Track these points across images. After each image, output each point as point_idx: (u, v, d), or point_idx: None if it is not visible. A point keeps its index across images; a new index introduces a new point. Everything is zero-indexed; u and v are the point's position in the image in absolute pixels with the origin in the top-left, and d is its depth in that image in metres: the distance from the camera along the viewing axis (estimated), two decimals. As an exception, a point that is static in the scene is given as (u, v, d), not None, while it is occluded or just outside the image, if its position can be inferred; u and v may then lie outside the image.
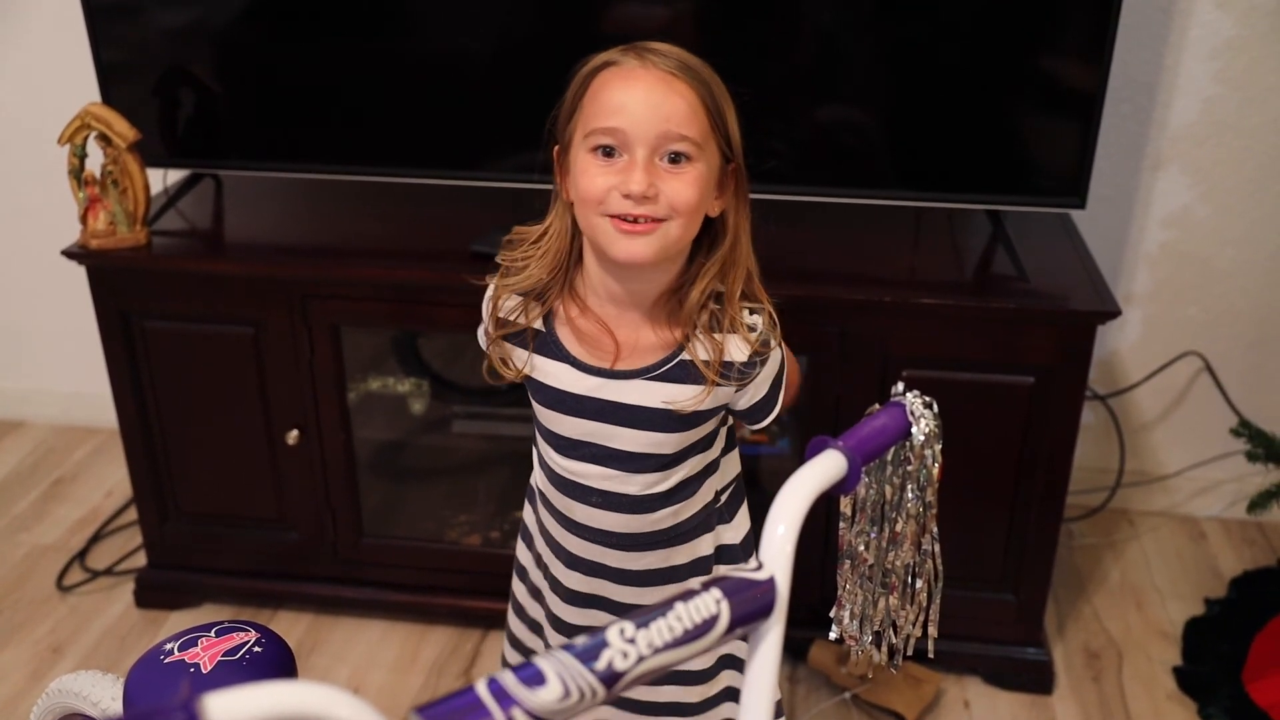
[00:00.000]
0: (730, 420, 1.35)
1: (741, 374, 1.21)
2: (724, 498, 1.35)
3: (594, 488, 1.27)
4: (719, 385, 1.20)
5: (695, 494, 1.30)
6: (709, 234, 1.20)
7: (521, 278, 1.23)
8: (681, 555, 1.33)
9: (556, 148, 1.20)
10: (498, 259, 1.27)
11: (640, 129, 1.10)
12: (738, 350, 1.20)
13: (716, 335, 1.19)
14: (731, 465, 1.36)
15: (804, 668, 2.05)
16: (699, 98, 1.12)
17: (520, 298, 1.25)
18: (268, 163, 2.07)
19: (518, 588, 1.49)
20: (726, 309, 1.20)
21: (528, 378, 1.27)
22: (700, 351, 1.19)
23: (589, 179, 1.13)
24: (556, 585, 1.37)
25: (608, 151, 1.12)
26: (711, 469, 1.32)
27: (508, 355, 1.27)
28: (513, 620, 1.52)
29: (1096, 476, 2.47)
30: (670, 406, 1.20)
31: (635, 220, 1.12)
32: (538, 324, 1.24)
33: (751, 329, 1.21)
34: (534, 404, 1.29)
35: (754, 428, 1.29)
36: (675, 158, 1.12)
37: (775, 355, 1.24)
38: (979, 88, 1.83)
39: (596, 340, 1.22)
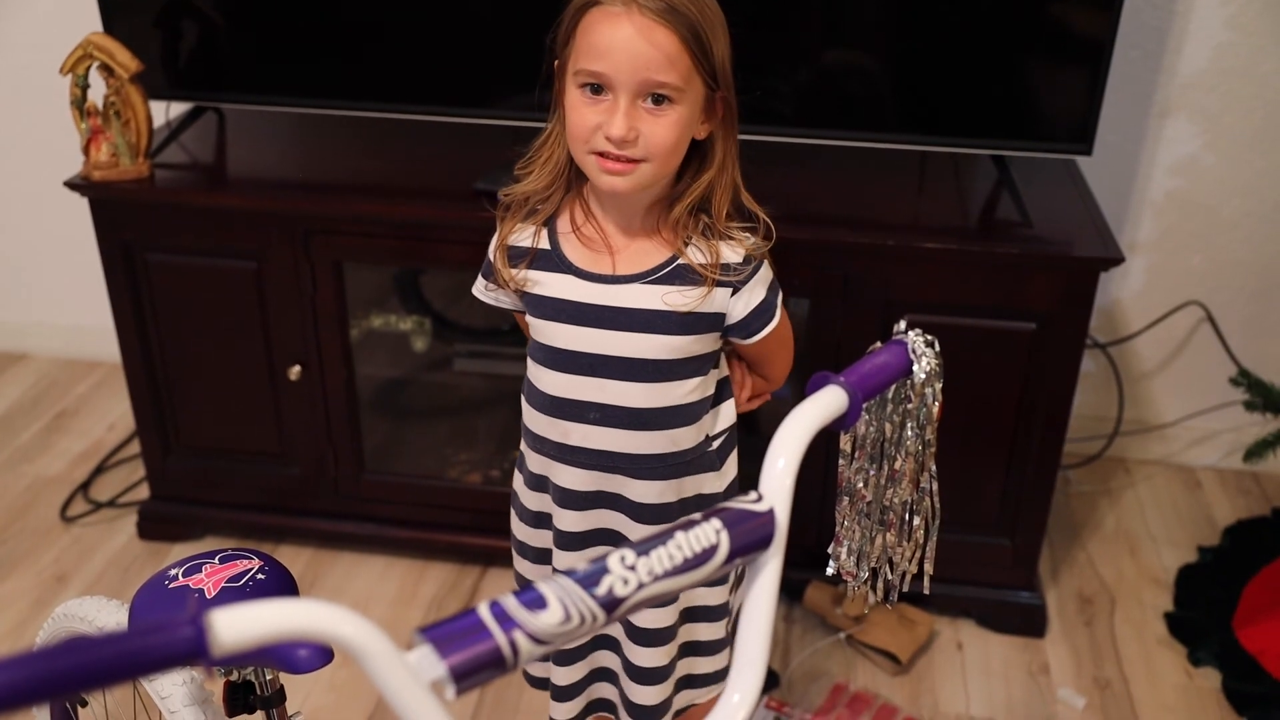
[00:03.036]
0: (724, 364, 1.36)
1: (737, 273, 1.27)
2: (716, 444, 1.37)
3: (591, 401, 1.30)
4: (718, 285, 1.26)
5: (692, 424, 1.32)
6: (698, 154, 1.27)
7: (525, 183, 1.31)
8: (685, 489, 1.34)
9: (556, 63, 1.25)
10: (516, 168, 1.32)
11: (622, 75, 1.16)
12: (731, 253, 1.27)
13: (711, 241, 1.27)
14: (726, 415, 1.39)
15: (800, 608, 2.08)
16: (680, 41, 1.16)
17: (529, 227, 1.31)
18: (271, 97, 2.05)
19: (526, 568, 1.48)
20: (715, 224, 1.27)
21: (526, 294, 1.31)
22: (696, 256, 1.26)
23: (577, 115, 1.20)
24: (559, 535, 1.38)
25: (595, 89, 1.19)
26: (704, 408, 1.34)
27: (511, 278, 1.32)
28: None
29: (1095, 424, 2.48)
30: (670, 307, 1.26)
31: (617, 158, 1.19)
32: (543, 242, 1.30)
33: (746, 238, 1.28)
34: (532, 322, 1.32)
35: (747, 341, 1.32)
36: (658, 99, 1.18)
37: (766, 265, 1.30)
38: (987, 30, 1.82)
39: (598, 248, 1.29)
